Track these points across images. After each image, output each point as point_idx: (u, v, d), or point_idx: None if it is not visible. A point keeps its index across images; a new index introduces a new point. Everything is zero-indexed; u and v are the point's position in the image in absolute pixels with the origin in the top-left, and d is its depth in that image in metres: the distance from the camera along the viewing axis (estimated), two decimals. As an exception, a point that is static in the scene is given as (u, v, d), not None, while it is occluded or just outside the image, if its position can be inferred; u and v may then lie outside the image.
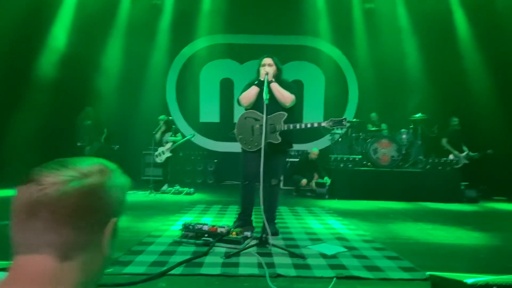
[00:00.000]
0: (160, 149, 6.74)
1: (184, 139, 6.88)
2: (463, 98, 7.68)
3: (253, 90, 3.27)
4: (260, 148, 2.93)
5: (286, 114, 3.17)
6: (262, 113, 2.94)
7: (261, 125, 3.01)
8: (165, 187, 6.55)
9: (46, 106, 7.05)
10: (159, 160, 6.72)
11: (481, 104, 7.41)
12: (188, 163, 8.18)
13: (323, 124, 3.15)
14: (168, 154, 6.70)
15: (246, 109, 3.36)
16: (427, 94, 7.94)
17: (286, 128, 3.13)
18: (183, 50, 9.09)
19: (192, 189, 6.47)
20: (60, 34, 7.46)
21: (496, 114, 7.20)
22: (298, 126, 3.15)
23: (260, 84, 3.21)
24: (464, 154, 7.22)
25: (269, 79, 3.15)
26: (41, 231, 0.56)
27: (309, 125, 3.18)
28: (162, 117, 6.82)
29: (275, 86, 3.20)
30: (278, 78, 3.28)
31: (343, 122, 3.08)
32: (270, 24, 8.54)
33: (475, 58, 7.81)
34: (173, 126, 7.00)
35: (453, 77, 7.82)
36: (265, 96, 2.92)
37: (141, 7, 7.90)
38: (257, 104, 3.23)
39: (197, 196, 6.18)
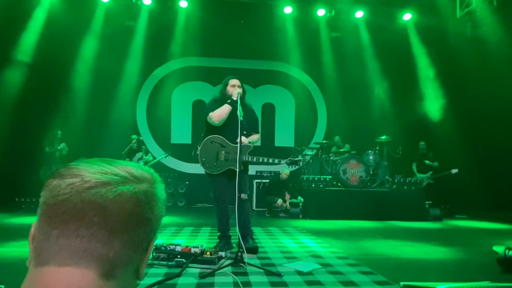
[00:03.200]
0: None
1: (157, 159, 6.72)
2: (424, 120, 8.15)
3: (226, 108, 3.34)
4: (225, 171, 3.25)
5: (252, 147, 3.39)
6: (232, 138, 3.25)
7: (227, 153, 3.30)
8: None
9: (10, 125, 6.64)
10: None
11: (441, 127, 7.88)
12: (158, 185, 7.92)
13: (283, 162, 3.41)
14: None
15: (214, 126, 3.39)
16: (390, 117, 8.39)
17: (249, 159, 3.34)
18: (155, 71, 9.06)
19: (162, 212, 6.25)
20: (27, 48, 7.09)
21: (455, 137, 7.67)
22: (260, 159, 3.36)
23: (233, 104, 3.29)
24: (426, 175, 7.60)
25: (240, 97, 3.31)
26: (87, 239, 0.45)
27: (270, 161, 3.39)
28: (134, 136, 6.66)
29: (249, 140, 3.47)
30: (243, 99, 3.41)
31: (299, 163, 3.49)
32: (242, 49, 8.78)
33: (434, 82, 8.40)
34: (143, 147, 6.83)
35: (414, 100, 8.31)
36: (239, 113, 3.03)
37: (114, 27, 7.81)
38: (227, 121, 3.33)
39: (167, 219, 5.96)
